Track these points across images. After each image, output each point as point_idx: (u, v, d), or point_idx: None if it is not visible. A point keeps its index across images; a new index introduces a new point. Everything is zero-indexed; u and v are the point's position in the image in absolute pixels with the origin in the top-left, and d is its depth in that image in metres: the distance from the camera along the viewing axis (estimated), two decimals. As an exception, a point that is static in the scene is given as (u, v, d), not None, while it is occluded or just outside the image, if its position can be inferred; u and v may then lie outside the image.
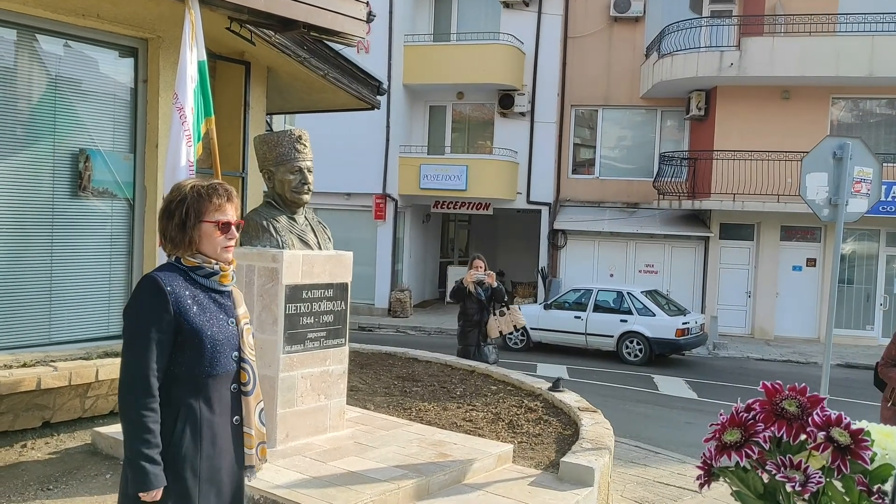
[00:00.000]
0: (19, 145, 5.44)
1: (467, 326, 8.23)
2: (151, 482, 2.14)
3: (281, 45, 6.64)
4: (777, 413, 1.41)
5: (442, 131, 21.97)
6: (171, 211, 2.33)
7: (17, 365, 5.08)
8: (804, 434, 1.37)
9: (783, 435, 1.38)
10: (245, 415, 2.42)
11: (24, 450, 4.83)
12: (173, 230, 2.32)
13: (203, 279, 2.35)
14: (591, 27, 20.23)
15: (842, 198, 6.12)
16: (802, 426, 1.38)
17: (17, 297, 5.44)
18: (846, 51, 16.58)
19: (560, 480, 4.71)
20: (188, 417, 2.26)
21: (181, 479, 2.23)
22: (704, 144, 18.48)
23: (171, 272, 2.32)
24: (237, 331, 2.42)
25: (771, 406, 1.43)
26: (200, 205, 2.33)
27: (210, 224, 2.35)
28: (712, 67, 17.41)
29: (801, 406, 1.40)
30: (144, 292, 2.27)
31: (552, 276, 20.02)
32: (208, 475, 2.29)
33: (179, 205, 2.32)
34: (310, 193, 5.01)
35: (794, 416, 1.39)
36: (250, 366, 2.44)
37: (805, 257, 18.32)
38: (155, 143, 6.01)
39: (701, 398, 11.51)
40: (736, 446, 1.39)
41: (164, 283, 2.26)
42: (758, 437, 1.38)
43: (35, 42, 5.55)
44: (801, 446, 1.38)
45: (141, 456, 2.14)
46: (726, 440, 1.41)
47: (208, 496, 2.29)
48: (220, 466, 2.32)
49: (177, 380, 2.27)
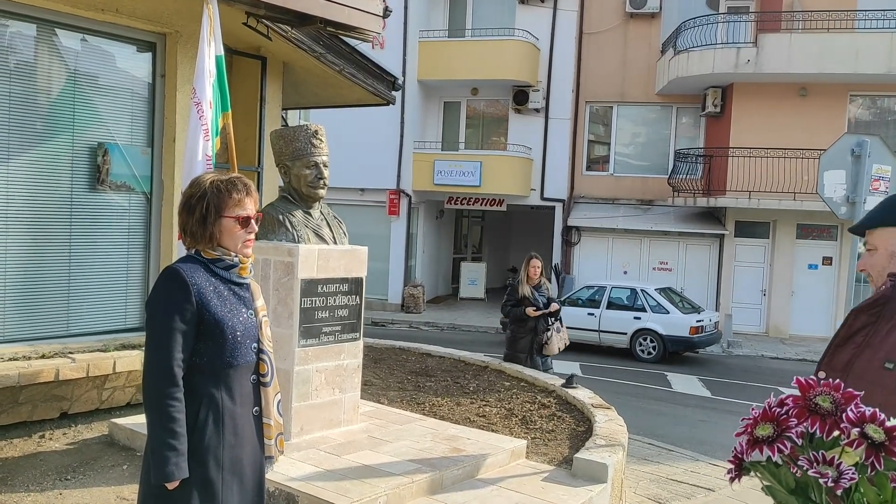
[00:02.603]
0: (39, 139, 5.49)
1: (520, 333, 7.68)
2: (175, 472, 2.16)
3: (297, 41, 6.66)
4: (811, 409, 1.40)
5: (456, 127, 21.96)
6: (191, 206, 2.35)
7: (36, 356, 5.14)
8: (837, 430, 1.36)
9: (816, 431, 1.37)
10: (264, 405, 2.45)
11: (43, 440, 4.89)
12: (194, 225, 2.34)
13: (223, 271, 2.37)
14: (607, 23, 20.14)
15: (860, 196, 6.07)
16: (836, 422, 1.36)
17: (36, 289, 5.50)
18: (865, 47, 16.42)
19: (573, 476, 4.71)
20: (210, 408, 2.28)
21: (204, 468, 2.25)
22: (720, 141, 18.36)
23: (193, 264, 2.34)
24: (256, 322, 2.44)
25: (804, 401, 1.41)
26: (220, 200, 2.35)
27: (230, 219, 2.36)
28: (729, 64, 17.29)
29: (834, 402, 1.39)
30: (167, 284, 2.29)
31: (565, 273, 19.98)
32: (231, 465, 2.31)
33: (200, 200, 2.34)
34: (325, 188, 5.03)
35: (828, 412, 1.38)
36: (269, 357, 2.46)
37: (821, 256, 18.18)
38: (172, 137, 6.05)
39: (715, 396, 11.47)
40: (768, 441, 1.38)
41: (187, 274, 2.28)
42: (790, 432, 1.37)
43: (54, 37, 5.60)
44: (834, 442, 1.37)
45: (166, 446, 2.16)
46: (758, 434, 1.40)
47: (231, 486, 2.31)
48: (241, 457, 2.34)
49: (199, 371, 2.29)
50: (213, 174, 2.45)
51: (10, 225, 5.33)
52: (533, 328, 7.58)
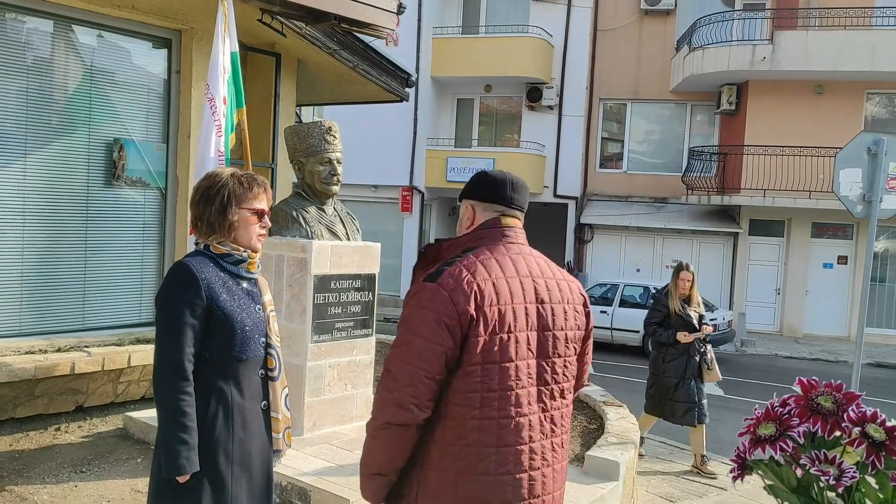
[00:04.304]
0: (56, 134, 5.54)
1: (670, 353, 6.57)
2: (186, 466, 2.18)
3: (311, 37, 6.68)
4: (812, 408, 1.42)
5: (469, 124, 21.94)
6: (209, 196, 2.37)
7: (52, 350, 5.19)
8: (839, 430, 1.38)
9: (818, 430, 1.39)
10: (272, 399, 2.47)
11: (59, 433, 4.94)
12: (213, 215, 2.36)
13: (232, 266, 2.39)
14: (621, 20, 20.05)
15: (876, 194, 6.03)
16: (837, 422, 1.39)
17: (52, 283, 5.55)
18: (882, 45, 16.26)
19: (585, 474, 4.71)
20: (220, 401, 2.30)
21: (214, 462, 2.26)
22: (735, 139, 18.25)
23: (202, 259, 2.36)
24: (264, 317, 2.46)
25: (806, 401, 1.44)
26: (241, 192, 2.38)
27: (248, 211, 2.40)
28: (744, 61, 17.17)
29: (836, 402, 1.41)
30: (177, 279, 2.31)
31: (578, 271, 19.93)
32: (240, 458, 2.33)
33: (221, 189, 2.36)
34: (339, 185, 5.04)
35: (830, 412, 1.40)
36: (276, 352, 2.48)
37: (836, 255, 18.05)
38: (187, 133, 6.09)
39: (727, 395, 11.41)
40: (771, 440, 1.41)
41: (196, 269, 2.30)
42: (793, 431, 1.40)
43: (71, 33, 5.64)
44: (836, 442, 1.39)
45: (177, 439, 2.17)
46: (761, 434, 1.43)
47: (240, 479, 2.32)
48: (250, 450, 2.36)
49: (208, 365, 2.30)
50: (232, 168, 2.48)
51: (27, 219, 5.38)
52: (686, 349, 6.56)
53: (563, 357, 2.15)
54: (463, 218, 2.26)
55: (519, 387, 2.04)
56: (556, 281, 2.19)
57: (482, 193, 2.22)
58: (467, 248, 2.15)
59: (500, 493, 2.02)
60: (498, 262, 2.09)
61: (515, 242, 2.18)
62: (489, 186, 2.22)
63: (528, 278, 2.12)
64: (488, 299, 2.00)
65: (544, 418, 2.11)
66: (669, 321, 6.55)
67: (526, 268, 2.14)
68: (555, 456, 2.14)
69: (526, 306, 2.08)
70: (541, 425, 2.10)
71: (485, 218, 2.20)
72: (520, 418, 2.04)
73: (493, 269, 2.06)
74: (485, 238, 2.16)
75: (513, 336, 2.04)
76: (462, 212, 2.27)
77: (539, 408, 2.09)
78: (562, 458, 2.19)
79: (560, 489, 2.19)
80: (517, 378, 2.03)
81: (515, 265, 2.12)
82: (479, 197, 2.23)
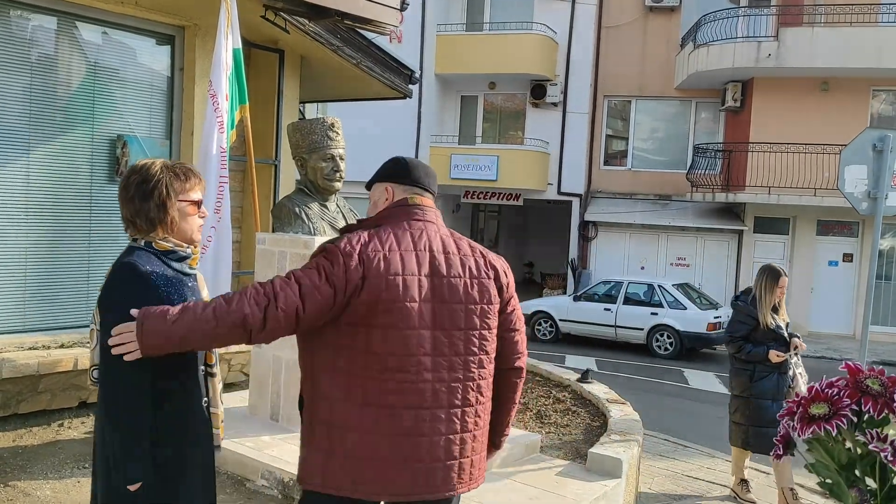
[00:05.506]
0: (59, 131, 5.55)
1: (759, 371, 5.54)
2: (137, 475, 2.12)
3: (314, 34, 6.67)
4: (862, 390, 1.53)
5: (473, 121, 21.93)
6: (146, 191, 2.27)
7: (56, 346, 5.20)
8: (888, 409, 1.50)
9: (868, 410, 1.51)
10: (212, 395, 2.43)
11: (62, 428, 4.95)
12: (153, 210, 2.27)
13: (175, 263, 2.32)
14: (626, 17, 20.01)
15: (881, 191, 6.00)
16: (887, 402, 1.51)
17: (55, 279, 5.56)
18: (888, 42, 16.19)
19: (588, 471, 4.70)
20: (168, 400, 2.25)
21: (164, 461, 2.21)
22: (740, 136, 18.20)
23: (146, 256, 2.28)
24: None
25: (855, 383, 1.55)
26: (178, 184, 2.31)
27: (187, 203, 2.33)
28: (749, 58, 17.12)
29: (883, 385, 1.54)
30: (123, 279, 2.23)
31: (582, 268, 19.92)
32: (191, 455, 2.29)
33: (157, 184, 2.27)
34: (342, 181, 5.03)
35: (879, 393, 1.52)
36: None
37: (841, 252, 17.99)
38: (190, 130, 6.09)
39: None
40: (825, 418, 1.52)
41: (143, 268, 2.22)
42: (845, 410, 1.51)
43: (74, 29, 5.64)
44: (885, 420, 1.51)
45: (129, 447, 2.12)
46: (814, 413, 1.54)
47: (193, 475, 2.30)
48: (198, 447, 2.34)
49: (154, 363, 2.21)
50: (160, 160, 2.38)
51: (30, 215, 5.39)
52: (778, 365, 5.59)
53: (466, 330, 2.28)
54: (379, 200, 2.45)
55: (407, 353, 2.19)
56: (459, 257, 2.33)
57: (400, 177, 2.44)
58: (377, 225, 2.34)
59: (375, 451, 2.18)
60: (395, 237, 2.27)
61: (422, 220, 2.36)
62: (407, 170, 2.45)
63: (424, 252, 2.28)
64: (376, 268, 2.17)
65: (440, 388, 2.23)
66: (756, 334, 5.61)
67: (426, 242, 2.30)
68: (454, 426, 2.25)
69: (420, 279, 2.23)
70: (434, 394, 2.22)
71: (398, 198, 2.41)
72: (406, 384, 2.19)
73: (388, 242, 2.25)
74: (391, 216, 2.36)
75: (400, 305, 2.18)
76: (378, 194, 2.46)
77: (434, 377, 2.22)
78: (472, 429, 2.30)
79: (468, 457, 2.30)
80: (405, 345, 2.19)
81: (414, 240, 2.29)
82: (397, 180, 2.44)
